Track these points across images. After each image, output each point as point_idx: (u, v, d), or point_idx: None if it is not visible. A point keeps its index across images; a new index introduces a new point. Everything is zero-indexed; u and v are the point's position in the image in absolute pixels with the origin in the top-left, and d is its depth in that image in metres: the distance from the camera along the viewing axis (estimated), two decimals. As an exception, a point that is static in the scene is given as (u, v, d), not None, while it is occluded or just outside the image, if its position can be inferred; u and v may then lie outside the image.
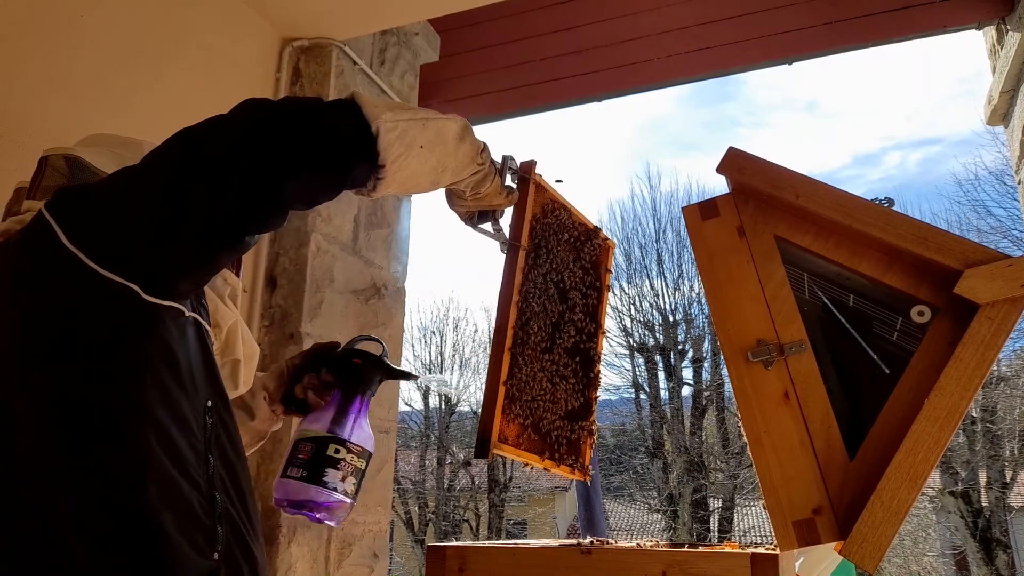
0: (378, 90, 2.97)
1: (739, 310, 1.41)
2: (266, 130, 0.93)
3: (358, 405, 1.21)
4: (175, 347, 0.94)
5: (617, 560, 1.42)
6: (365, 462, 1.18)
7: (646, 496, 15.80)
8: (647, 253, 15.72)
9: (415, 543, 16.67)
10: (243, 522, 0.96)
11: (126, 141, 1.18)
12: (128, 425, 0.87)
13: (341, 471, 1.13)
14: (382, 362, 1.26)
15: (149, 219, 0.88)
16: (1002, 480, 13.31)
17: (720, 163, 1.47)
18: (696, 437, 14.88)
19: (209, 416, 0.97)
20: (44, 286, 0.89)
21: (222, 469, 0.96)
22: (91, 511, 0.83)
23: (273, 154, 0.92)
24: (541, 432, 1.64)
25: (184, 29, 2.36)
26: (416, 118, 1.09)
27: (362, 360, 1.25)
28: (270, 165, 0.92)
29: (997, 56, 3.06)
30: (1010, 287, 1.23)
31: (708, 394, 14.95)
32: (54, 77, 1.94)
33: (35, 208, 1.02)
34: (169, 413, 0.90)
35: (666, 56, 3.43)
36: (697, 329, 15.19)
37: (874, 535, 1.20)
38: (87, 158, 1.11)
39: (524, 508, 18.57)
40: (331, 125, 1.00)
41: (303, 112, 0.99)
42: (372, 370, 1.24)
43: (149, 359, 0.90)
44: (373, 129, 1.02)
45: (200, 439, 0.94)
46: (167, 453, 0.88)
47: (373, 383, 1.24)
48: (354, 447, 1.16)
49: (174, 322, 0.94)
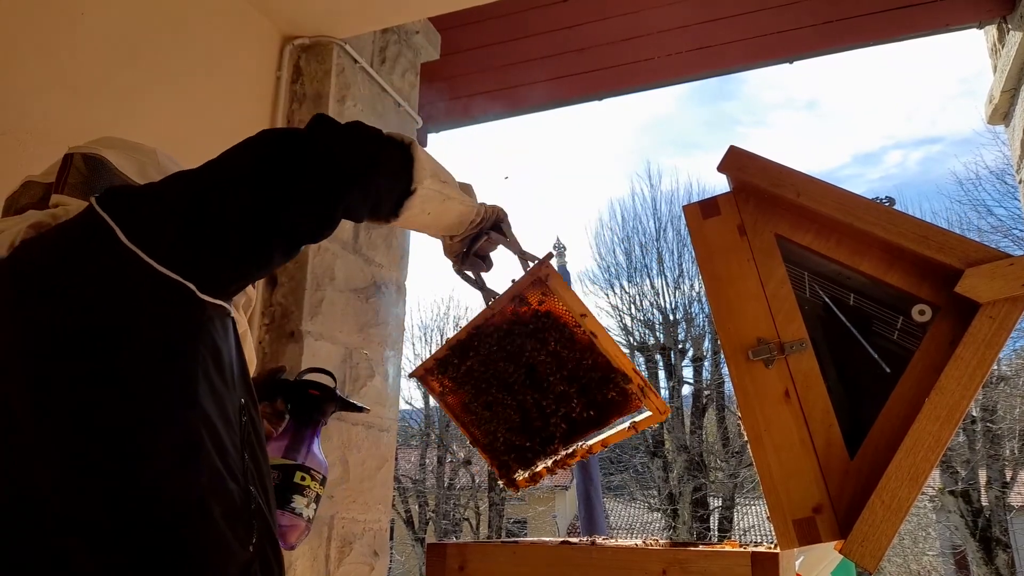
0: (379, 88, 2.97)
1: (740, 308, 1.41)
2: (332, 152, 1.03)
3: (313, 433, 1.28)
4: (221, 345, 0.97)
5: (618, 558, 1.42)
6: (323, 487, 1.27)
7: (646, 495, 15.80)
8: (647, 252, 15.73)
9: (415, 541, 16.67)
10: (269, 517, 0.99)
11: (139, 146, 1.21)
12: (183, 416, 0.90)
13: (306, 497, 1.22)
14: (336, 395, 1.34)
15: (211, 221, 0.92)
16: (1002, 479, 13.31)
17: (721, 161, 1.47)
18: (696, 436, 14.88)
19: (243, 414, 0.99)
20: (101, 281, 0.91)
21: (252, 466, 0.98)
22: (144, 498, 0.86)
23: (336, 173, 1.01)
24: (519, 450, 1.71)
25: (185, 27, 2.36)
26: (443, 193, 1.29)
27: (319, 392, 1.32)
28: (333, 183, 1.01)
29: (998, 55, 3.06)
30: (1011, 286, 1.23)
31: (708, 393, 14.94)
32: (54, 74, 1.93)
33: (65, 203, 1.06)
34: (216, 408, 0.93)
35: (667, 55, 3.42)
36: (697, 328, 15.19)
37: (874, 534, 1.20)
38: (110, 158, 1.13)
39: (524, 507, 18.57)
40: (386, 165, 1.15)
41: (368, 142, 1.11)
42: (328, 402, 1.33)
43: (201, 354, 0.93)
44: (412, 187, 1.20)
45: (238, 435, 0.97)
46: (215, 446, 0.91)
47: (327, 414, 1.32)
48: (316, 474, 1.24)
49: (221, 320, 0.98)
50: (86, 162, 1.12)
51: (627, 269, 15.69)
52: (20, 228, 1.01)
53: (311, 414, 1.29)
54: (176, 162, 1.22)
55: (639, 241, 15.87)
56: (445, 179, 1.29)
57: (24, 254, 0.98)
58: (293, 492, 1.21)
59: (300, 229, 0.99)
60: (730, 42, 3.33)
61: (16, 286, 0.96)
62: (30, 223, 1.02)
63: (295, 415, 1.30)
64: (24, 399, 0.89)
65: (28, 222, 1.02)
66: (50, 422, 0.88)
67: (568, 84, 3.57)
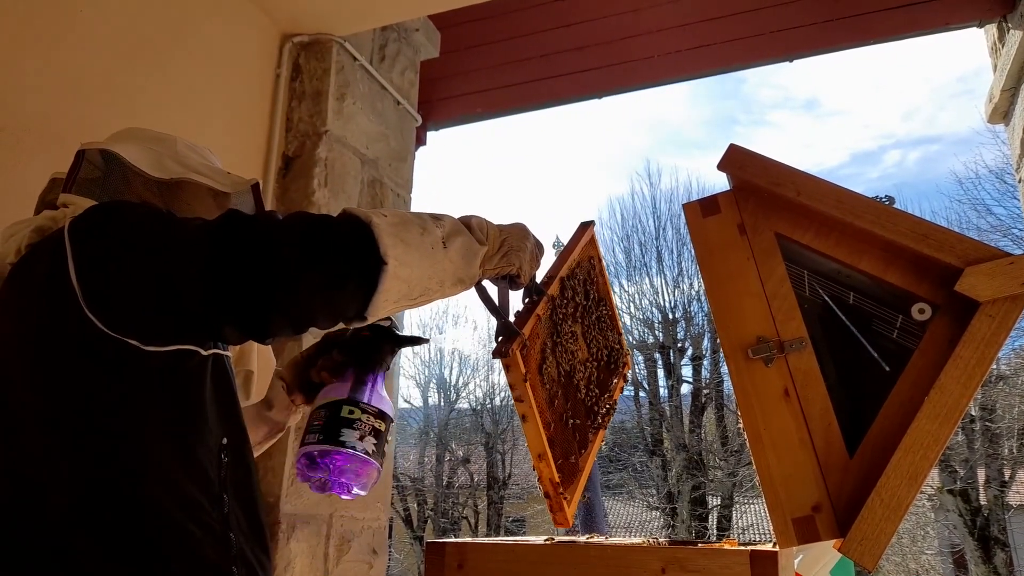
0: (378, 86, 2.96)
1: (739, 307, 1.41)
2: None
3: (372, 377, 1.20)
4: (187, 392, 0.94)
5: (617, 557, 1.42)
6: (384, 424, 1.17)
7: (645, 494, 15.80)
8: (647, 251, 15.73)
9: (414, 540, 16.68)
10: (256, 559, 0.96)
11: (160, 137, 1.20)
12: (137, 483, 0.87)
13: (358, 430, 1.12)
14: (390, 331, 1.25)
15: (166, 292, 0.89)
16: (1000, 479, 13.32)
17: (721, 160, 1.47)
18: (695, 435, 14.88)
19: (224, 454, 0.96)
20: (46, 311, 0.91)
21: (238, 508, 0.95)
22: (100, 559, 0.83)
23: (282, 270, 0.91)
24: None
25: (185, 24, 2.36)
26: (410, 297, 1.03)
27: (370, 332, 1.24)
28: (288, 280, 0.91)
29: (998, 54, 3.06)
30: (1011, 285, 1.22)
31: (707, 392, 14.94)
32: (53, 71, 1.93)
33: (72, 201, 1.05)
34: (181, 462, 0.90)
35: (666, 53, 3.42)
36: (697, 327, 15.18)
37: (873, 533, 1.20)
38: (122, 153, 1.12)
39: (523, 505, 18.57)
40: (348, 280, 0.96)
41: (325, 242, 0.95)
42: (381, 341, 1.23)
43: (155, 410, 0.91)
44: (370, 303, 0.98)
45: (215, 482, 0.93)
46: (179, 504, 0.88)
47: (385, 354, 1.23)
48: (369, 408, 1.14)
49: (183, 366, 0.94)
50: (103, 156, 1.12)
51: (626, 268, 15.69)
52: (24, 233, 1.02)
53: (369, 356, 1.21)
54: (197, 150, 1.21)
55: (639, 240, 15.88)
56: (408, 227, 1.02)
57: (24, 260, 1.01)
58: (342, 426, 1.11)
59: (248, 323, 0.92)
60: (729, 40, 3.32)
61: (12, 293, 0.99)
62: (33, 227, 1.03)
63: (353, 362, 1.22)
64: (23, 401, 0.91)
65: (31, 227, 1.03)
66: (46, 426, 0.88)
67: (567, 82, 3.56)
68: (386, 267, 0.94)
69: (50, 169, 1.21)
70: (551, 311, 1.54)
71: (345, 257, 0.94)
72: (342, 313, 0.98)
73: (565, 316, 1.59)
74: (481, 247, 1.12)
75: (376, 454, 1.13)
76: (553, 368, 1.52)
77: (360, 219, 0.96)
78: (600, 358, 1.74)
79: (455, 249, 1.07)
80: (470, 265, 1.10)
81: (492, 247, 1.15)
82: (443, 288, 1.07)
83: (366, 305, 0.96)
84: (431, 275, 1.03)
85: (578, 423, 1.59)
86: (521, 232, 1.20)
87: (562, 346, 1.56)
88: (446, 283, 1.07)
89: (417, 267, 0.99)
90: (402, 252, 0.96)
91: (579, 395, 1.63)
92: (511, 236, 1.18)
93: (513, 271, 1.18)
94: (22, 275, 0.99)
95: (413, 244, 0.99)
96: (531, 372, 1.41)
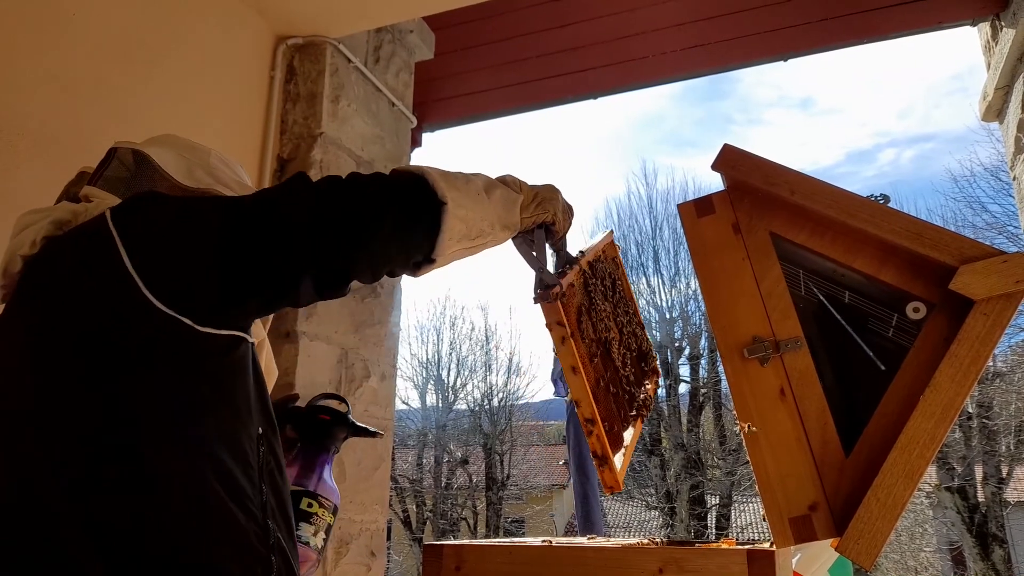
0: (373, 88, 2.96)
1: (735, 307, 1.41)
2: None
3: (324, 460, 1.23)
4: (230, 376, 0.94)
5: (615, 558, 1.42)
6: (333, 517, 1.21)
7: (643, 493, 15.81)
8: (643, 250, 15.75)
9: (413, 541, 16.67)
10: (289, 550, 0.96)
11: (195, 147, 1.20)
12: (189, 463, 0.87)
13: (314, 525, 1.16)
14: (348, 420, 1.30)
15: (229, 267, 0.91)
16: (998, 476, 13.35)
17: (715, 160, 1.47)
18: (693, 434, 14.90)
19: (261, 444, 0.96)
20: (96, 298, 0.90)
21: (272, 498, 0.96)
22: (150, 546, 0.83)
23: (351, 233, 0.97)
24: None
25: (178, 26, 2.35)
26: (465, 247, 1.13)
27: (330, 417, 1.28)
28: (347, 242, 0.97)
29: (992, 52, 3.06)
30: (1005, 283, 1.23)
31: (705, 391, 14.96)
32: (46, 73, 1.93)
33: (95, 195, 1.05)
34: (226, 445, 0.90)
35: (661, 53, 3.42)
36: (694, 326, 15.20)
37: (870, 531, 1.20)
38: (154, 156, 1.12)
39: (522, 506, 18.57)
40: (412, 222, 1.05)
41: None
42: (339, 427, 1.28)
43: (201, 391, 0.90)
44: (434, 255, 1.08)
45: (255, 468, 0.94)
46: (226, 488, 0.88)
47: (339, 440, 1.28)
48: (325, 502, 1.19)
49: (231, 350, 0.94)
50: (134, 157, 1.12)
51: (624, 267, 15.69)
52: (42, 225, 1.01)
53: (322, 440, 1.25)
54: (229, 164, 1.21)
55: (635, 240, 15.90)
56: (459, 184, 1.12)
57: (44, 254, 0.99)
58: (299, 519, 1.14)
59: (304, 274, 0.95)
60: (724, 40, 3.33)
61: (31, 287, 0.97)
62: (51, 219, 1.01)
63: (305, 442, 1.25)
64: (33, 399, 0.89)
65: (50, 218, 1.02)
66: (54, 428, 0.86)
67: (562, 83, 3.56)
68: (446, 206, 1.04)
69: (45, 172, 1.21)
70: (584, 282, 1.61)
71: (412, 203, 1.03)
72: (415, 254, 1.06)
73: (596, 291, 1.63)
74: (518, 195, 1.22)
75: (322, 548, 1.19)
76: (590, 329, 1.56)
77: (413, 171, 1.06)
78: (631, 347, 1.76)
79: (496, 197, 1.17)
80: (511, 212, 1.20)
81: (527, 198, 1.24)
82: (494, 232, 1.17)
83: (433, 246, 1.05)
84: (483, 216, 1.13)
85: (617, 393, 1.62)
86: (552, 187, 1.30)
87: (596, 315, 1.63)
88: (496, 226, 1.17)
89: (471, 209, 1.09)
90: (457, 195, 1.06)
91: (618, 369, 1.65)
92: (543, 189, 1.28)
93: (548, 218, 1.27)
94: (49, 266, 0.97)
95: (463, 190, 1.09)
96: (571, 325, 1.45)
